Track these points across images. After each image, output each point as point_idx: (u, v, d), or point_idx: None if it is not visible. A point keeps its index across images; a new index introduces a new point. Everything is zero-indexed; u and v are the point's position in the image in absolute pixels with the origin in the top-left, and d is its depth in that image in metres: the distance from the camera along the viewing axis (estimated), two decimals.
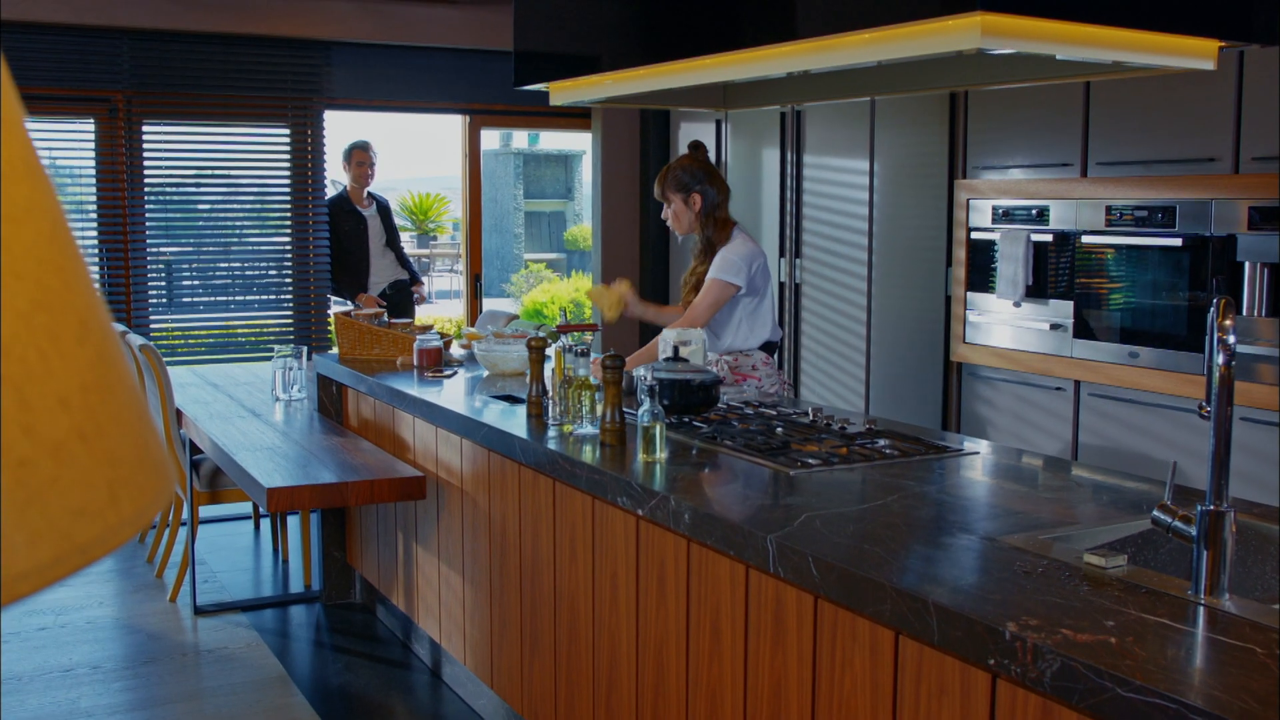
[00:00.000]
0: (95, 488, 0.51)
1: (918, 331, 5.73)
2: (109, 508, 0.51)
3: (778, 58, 2.65)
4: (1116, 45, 2.29)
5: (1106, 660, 1.62)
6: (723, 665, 2.49)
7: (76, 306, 0.54)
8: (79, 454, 0.51)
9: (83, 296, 0.56)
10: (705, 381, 3.34)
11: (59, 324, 0.52)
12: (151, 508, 0.55)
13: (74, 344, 0.53)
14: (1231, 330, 1.89)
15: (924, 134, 5.61)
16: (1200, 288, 4.41)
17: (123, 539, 0.52)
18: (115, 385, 0.56)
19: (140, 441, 0.56)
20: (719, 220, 4.09)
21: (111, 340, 0.57)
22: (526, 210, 16.45)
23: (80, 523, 0.49)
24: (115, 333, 0.59)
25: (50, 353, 0.51)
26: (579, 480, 2.94)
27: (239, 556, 5.52)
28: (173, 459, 4.80)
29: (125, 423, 0.55)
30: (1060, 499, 2.57)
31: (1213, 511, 1.87)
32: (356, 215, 7.04)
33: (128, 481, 0.53)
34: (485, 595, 3.63)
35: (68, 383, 0.51)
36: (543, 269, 15.34)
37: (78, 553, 0.48)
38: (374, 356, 4.67)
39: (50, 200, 0.55)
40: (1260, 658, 1.63)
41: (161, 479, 0.57)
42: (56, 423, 0.50)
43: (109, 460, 0.52)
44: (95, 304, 0.57)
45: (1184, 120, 4.45)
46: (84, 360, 0.53)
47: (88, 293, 0.56)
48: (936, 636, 1.87)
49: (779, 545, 2.21)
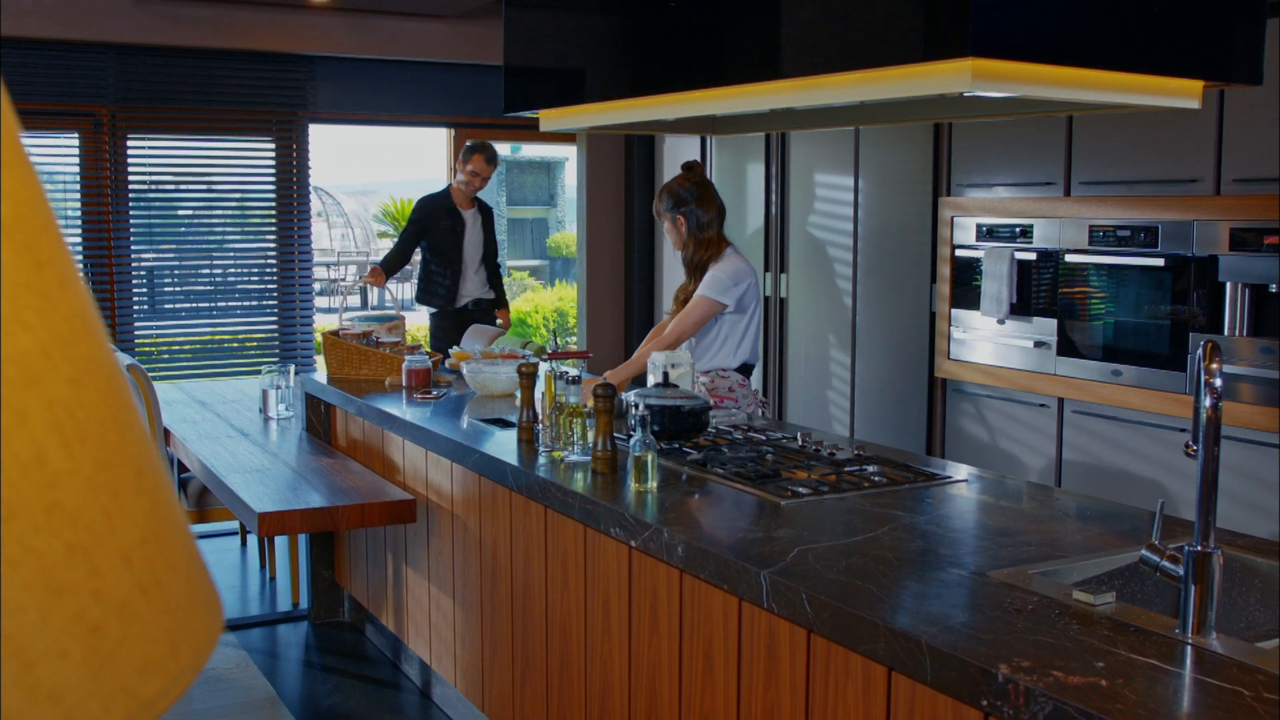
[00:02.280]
0: (158, 641, 0.53)
1: (902, 348, 5.77)
2: (170, 658, 0.53)
3: (763, 94, 2.68)
4: (1103, 87, 2.32)
5: (1097, 704, 1.65)
6: (716, 697, 2.52)
7: (132, 457, 0.56)
8: (142, 610, 0.53)
9: (136, 444, 0.58)
10: (695, 408, 3.37)
11: (119, 480, 0.54)
12: (207, 649, 0.57)
13: (132, 496, 0.55)
14: (1218, 374, 1.92)
15: (909, 152, 5.65)
16: (1182, 307, 4.46)
17: (184, 687, 0.54)
18: (169, 528, 0.58)
19: (193, 581, 0.58)
20: (705, 241, 4.13)
21: (163, 480, 0.59)
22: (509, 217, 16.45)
23: (146, 679, 0.51)
24: (162, 464, 0.61)
25: (113, 511, 0.53)
26: (571, 509, 2.96)
27: (226, 574, 5.51)
28: None
29: (178, 565, 0.57)
30: (1048, 530, 2.61)
31: (1200, 552, 1.91)
32: (454, 215, 6.48)
33: (184, 627, 0.55)
34: (476, 618, 3.64)
35: (129, 538, 0.53)
36: (525, 277, 15.35)
37: (144, 709, 0.50)
38: (362, 376, 4.68)
39: (105, 351, 0.57)
40: (1248, 700, 1.66)
41: (213, 615, 0.59)
42: (121, 582, 0.52)
43: (168, 609, 0.54)
44: (147, 447, 0.59)
45: (1166, 142, 4.50)
46: (141, 511, 0.55)
47: (141, 438, 0.58)
48: (930, 676, 1.90)
49: (772, 581, 2.24)
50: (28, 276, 0.52)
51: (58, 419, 0.51)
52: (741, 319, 4.12)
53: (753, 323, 4.16)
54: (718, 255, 4.14)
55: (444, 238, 6.44)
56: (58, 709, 0.47)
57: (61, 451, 0.51)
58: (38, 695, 0.46)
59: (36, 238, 0.54)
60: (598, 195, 7.31)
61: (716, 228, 4.16)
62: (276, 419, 5.01)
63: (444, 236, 6.44)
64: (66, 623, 0.48)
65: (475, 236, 6.50)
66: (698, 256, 4.14)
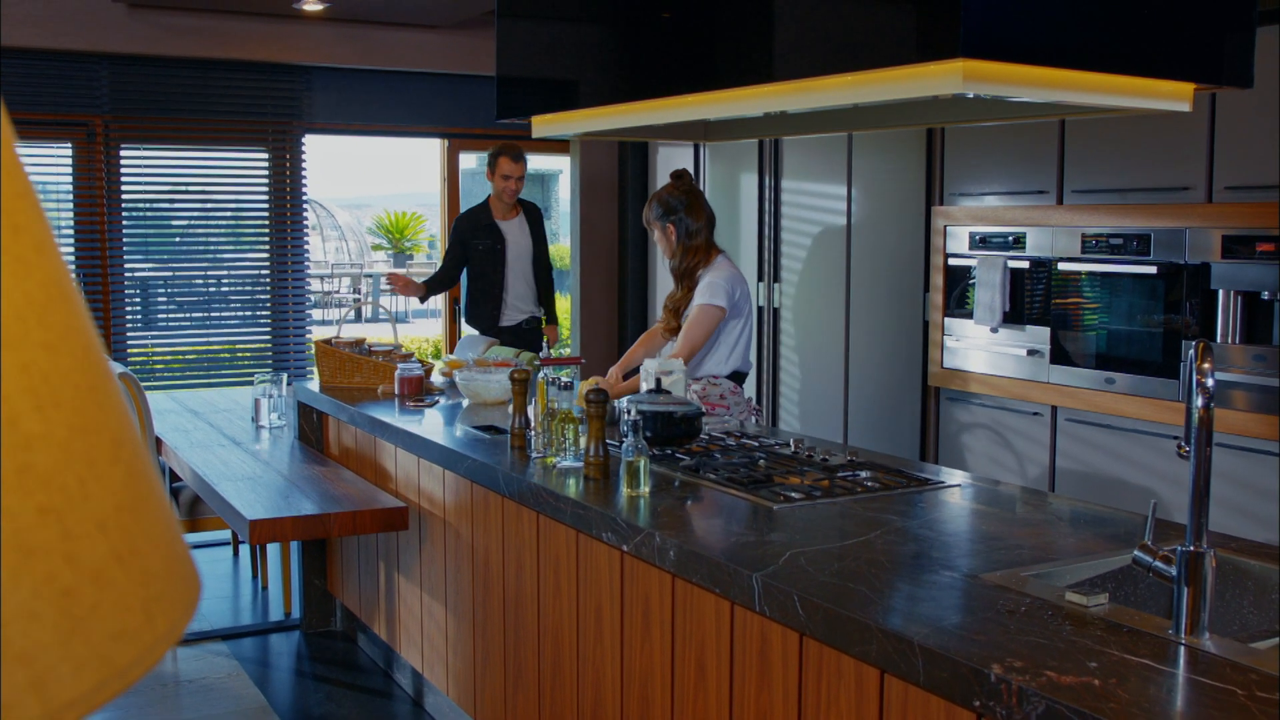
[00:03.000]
0: (132, 610, 0.52)
1: (896, 357, 5.77)
2: (145, 627, 0.53)
3: (756, 98, 2.68)
4: (1094, 89, 2.33)
5: (1090, 703, 1.64)
6: (708, 701, 2.51)
7: (109, 425, 0.56)
8: (117, 577, 0.52)
9: (114, 413, 0.57)
10: (688, 414, 3.36)
11: (95, 447, 0.54)
12: (183, 621, 0.56)
13: (109, 464, 0.54)
14: (1210, 374, 1.92)
15: (902, 161, 5.66)
16: (1175, 314, 4.46)
17: (159, 657, 0.53)
18: (145, 499, 0.57)
19: (169, 552, 0.58)
20: (694, 248, 4.13)
21: (141, 452, 0.59)
22: None
23: (120, 646, 0.51)
24: (140, 439, 0.60)
25: (88, 477, 0.52)
26: (563, 514, 2.95)
27: (218, 584, 5.50)
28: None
29: (155, 536, 0.57)
30: (1040, 533, 2.60)
31: (1192, 553, 1.90)
32: (493, 231, 6.03)
33: (161, 597, 0.55)
34: (468, 626, 3.63)
35: (104, 505, 0.53)
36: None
37: (118, 676, 0.50)
38: (354, 384, 4.67)
39: (83, 320, 0.57)
40: (1240, 699, 1.66)
41: (190, 588, 0.58)
42: (95, 548, 0.51)
43: (143, 579, 0.54)
44: (124, 416, 0.58)
45: (1158, 150, 4.50)
46: (118, 480, 0.55)
47: (119, 407, 0.58)
48: (922, 678, 1.89)
49: (764, 584, 2.23)
50: (3, 241, 0.52)
51: (32, 383, 0.51)
52: (734, 326, 4.12)
53: (745, 330, 4.16)
54: (708, 263, 4.14)
55: (484, 257, 6.03)
56: (28, 671, 0.46)
57: (35, 415, 0.50)
58: (7, 656, 0.46)
59: (11, 203, 0.54)
60: (591, 204, 7.31)
61: (705, 235, 4.16)
62: (269, 428, 5.00)
63: (484, 256, 6.03)
64: (37, 584, 0.48)
65: (520, 249, 6.06)
66: (686, 264, 4.14)
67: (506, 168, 5.93)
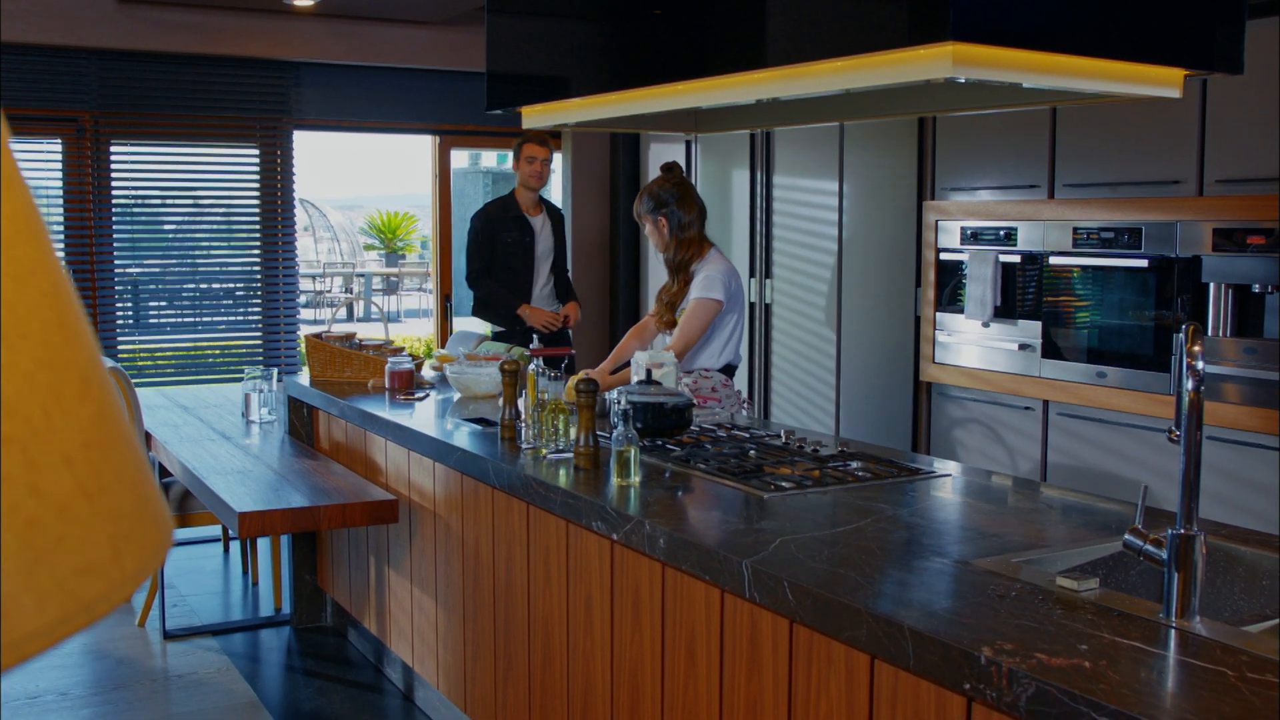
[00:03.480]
0: (99, 545, 0.51)
1: (887, 352, 5.77)
2: (112, 564, 0.51)
3: (747, 85, 2.67)
4: (1084, 74, 2.32)
5: (1081, 684, 1.63)
6: (698, 689, 2.50)
7: (78, 363, 0.55)
8: (83, 512, 0.51)
9: (84, 352, 0.56)
10: (679, 405, 3.35)
11: (62, 381, 0.53)
12: (153, 561, 0.55)
13: (76, 401, 0.53)
14: (1201, 356, 1.92)
15: (893, 155, 5.65)
16: (1166, 308, 4.46)
17: (126, 595, 0.52)
18: (116, 440, 0.56)
19: (140, 494, 0.57)
20: (687, 241, 4.12)
21: (110, 394, 0.58)
22: None
23: (85, 580, 0.49)
24: (113, 385, 0.59)
25: (54, 410, 0.51)
26: (553, 504, 2.94)
27: (208, 580, 5.48)
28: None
29: (126, 477, 0.56)
30: (1031, 521, 2.60)
31: (1183, 535, 1.90)
32: (522, 224, 5.79)
33: (129, 536, 0.54)
34: (459, 619, 3.62)
35: (71, 440, 0.52)
36: None
37: (83, 611, 0.49)
38: (345, 378, 4.66)
39: (50, 257, 0.56)
40: (1231, 680, 1.65)
41: (161, 531, 0.57)
42: (61, 481, 0.50)
43: (112, 516, 0.53)
44: (95, 358, 0.57)
45: (1149, 143, 4.50)
46: (86, 417, 0.54)
47: (88, 347, 0.57)
48: (912, 661, 1.88)
49: (754, 570, 2.22)
50: None
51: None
52: (728, 319, 4.11)
53: (738, 324, 4.15)
54: (701, 256, 4.14)
55: (512, 251, 5.78)
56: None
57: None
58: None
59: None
60: (583, 199, 7.31)
61: (698, 228, 4.16)
62: (259, 422, 4.98)
63: (512, 249, 5.78)
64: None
65: (546, 245, 5.88)
66: (680, 257, 4.14)
67: (532, 150, 5.71)
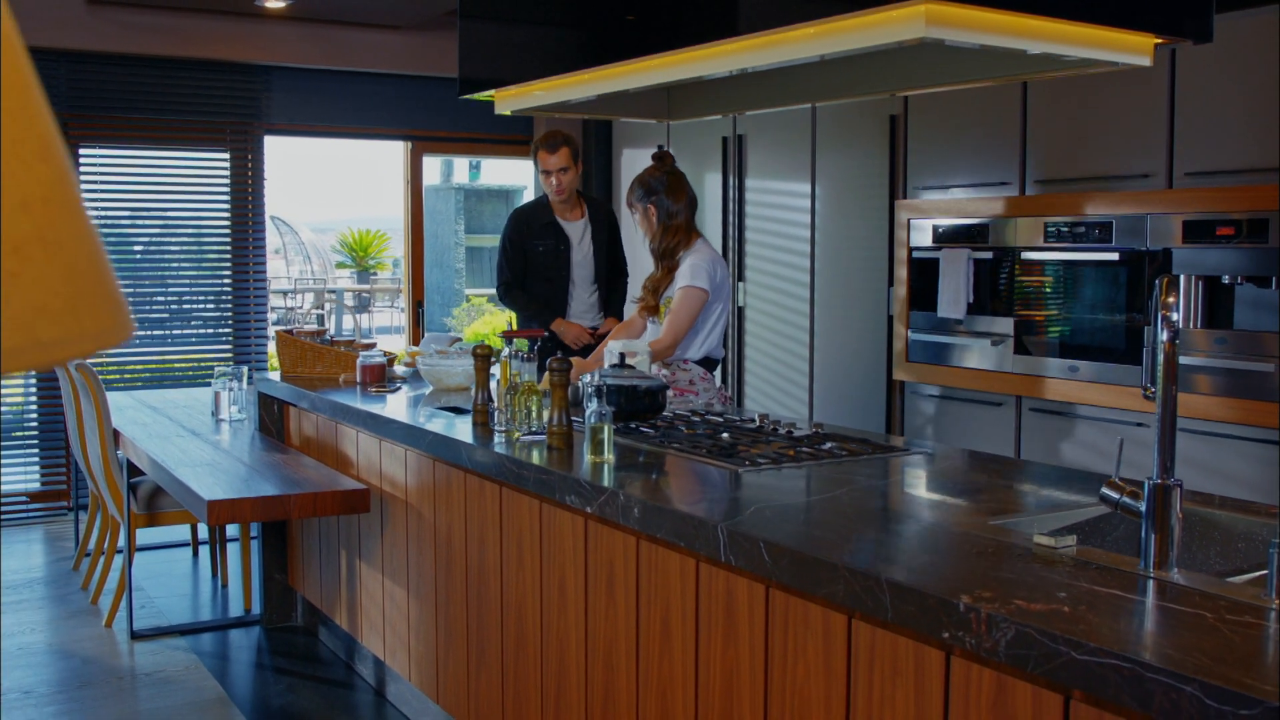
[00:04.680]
0: (56, 293, 0.49)
1: (860, 352, 5.77)
2: (69, 314, 0.50)
3: (721, 56, 2.67)
4: (1056, 38, 2.33)
5: (1060, 626, 1.62)
6: (673, 663, 2.47)
7: (39, 130, 0.53)
8: (38, 257, 0.49)
9: (46, 125, 0.54)
10: (652, 387, 3.34)
11: (22, 135, 0.51)
12: (111, 332, 0.53)
13: (36, 158, 0.51)
14: (1175, 308, 1.91)
15: (865, 156, 5.67)
16: (1137, 301, 4.48)
17: (83, 351, 0.50)
18: (74, 213, 0.54)
19: (98, 272, 0.55)
20: (674, 229, 4.12)
21: (71, 177, 0.56)
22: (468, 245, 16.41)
23: (41, 321, 0.48)
24: (72, 169, 0.57)
25: (11, 156, 0.49)
26: (526, 481, 2.91)
27: (177, 583, 5.41)
28: (109, 481, 4.71)
29: (84, 248, 0.54)
30: (1008, 490, 2.59)
31: (1160, 485, 1.89)
32: (555, 231, 5.27)
33: (88, 296, 0.52)
34: (430, 609, 3.58)
35: (29, 190, 0.50)
36: (484, 302, 15.31)
37: (39, 348, 0.47)
38: (316, 374, 4.62)
39: (13, 35, 0.54)
40: (1210, 621, 1.64)
41: (120, 312, 0.55)
42: (17, 224, 0.48)
43: (69, 273, 0.51)
44: (57, 137, 0.55)
45: (1118, 138, 4.53)
46: (45, 176, 0.52)
47: (51, 125, 0.55)
48: (890, 614, 1.86)
49: (729, 533, 2.20)
50: None
51: None
52: (713, 309, 4.10)
53: (722, 315, 4.14)
54: (688, 245, 4.13)
55: (546, 261, 5.27)
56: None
57: None
58: None
59: None
60: None
61: (685, 216, 4.15)
62: (229, 420, 4.93)
63: (546, 260, 5.27)
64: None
65: (585, 253, 5.33)
66: (665, 244, 4.13)
67: (545, 161, 5.11)
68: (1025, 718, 1.70)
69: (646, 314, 4.24)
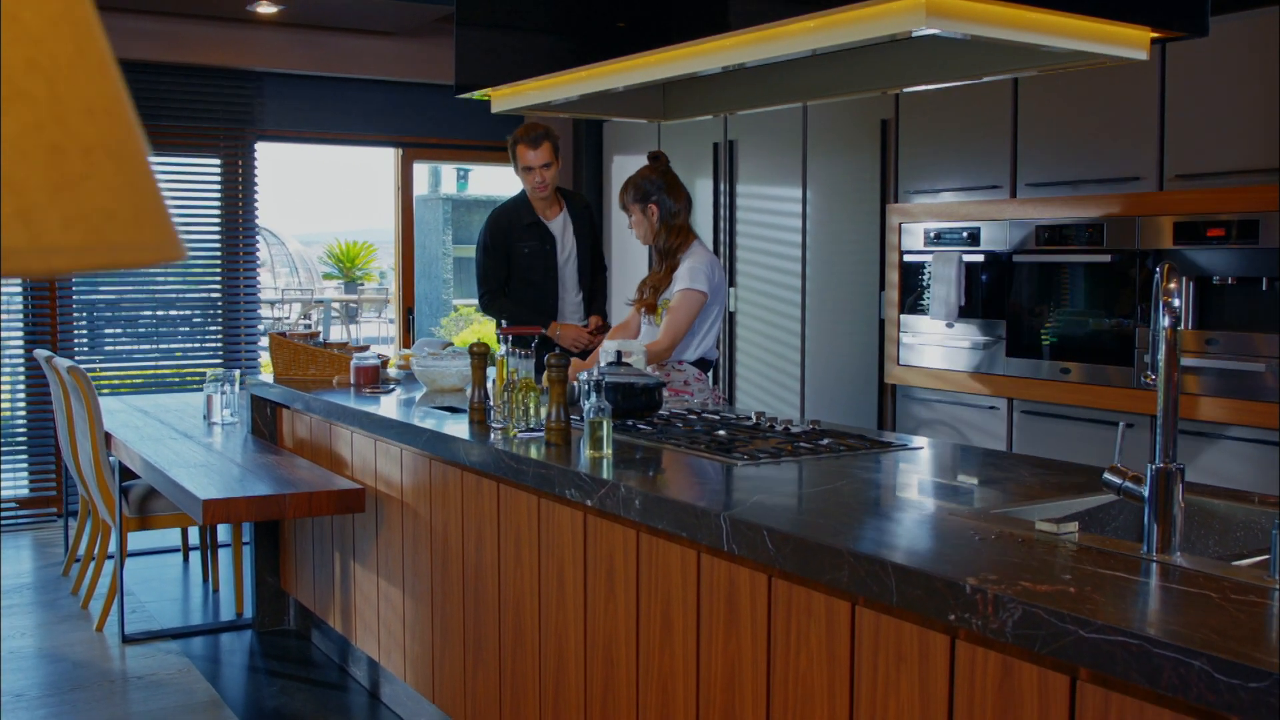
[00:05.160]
0: (121, 201, 0.50)
1: (852, 355, 5.78)
2: (133, 224, 0.50)
3: (714, 52, 2.68)
4: (1053, 31, 2.35)
5: (1067, 605, 1.63)
6: (674, 655, 2.47)
7: (100, 45, 0.53)
8: (106, 166, 0.50)
9: (105, 43, 0.54)
10: (649, 385, 3.34)
11: (86, 47, 0.51)
12: (170, 247, 0.54)
13: (98, 72, 0.52)
14: (1176, 294, 1.93)
15: (856, 160, 5.69)
16: (1128, 302, 4.50)
17: (147, 260, 0.51)
18: (132, 129, 0.55)
19: (154, 191, 0.55)
20: (675, 229, 4.13)
21: (127, 96, 0.56)
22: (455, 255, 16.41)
23: (110, 225, 0.48)
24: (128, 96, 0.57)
25: (78, 64, 0.50)
26: (525, 476, 2.91)
27: (167, 588, 5.39)
28: (101, 484, 4.69)
29: (142, 165, 0.54)
30: (1006, 482, 2.60)
31: (1163, 470, 1.90)
32: (540, 231, 5.05)
33: (149, 211, 0.52)
34: (426, 608, 3.57)
35: (93, 98, 0.50)
36: (471, 311, 15.30)
37: (108, 249, 0.47)
38: (309, 376, 4.61)
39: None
40: (1216, 600, 1.65)
41: (174, 232, 0.56)
42: (83, 128, 0.49)
43: (131, 184, 0.51)
44: (114, 64, 0.55)
45: (1109, 141, 4.56)
46: (108, 90, 0.52)
47: (108, 47, 0.55)
48: (895, 597, 1.87)
49: (732, 521, 2.21)
50: None
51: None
52: (708, 310, 4.10)
53: (718, 316, 4.15)
54: (686, 246, 4.14)
55: (532, 262, 5.05)
56: (16, 200, 0.43)
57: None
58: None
59: None
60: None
61: (685, 217, 4.17)
62: (221, 424, 4.92)
63: (532, 261, 5.05)
64: (25, 127, 0.45)
65: (570, 250, 5.13)
66: (671, 243, 4.13)
67: (525, 157, 4.86)
68: (1031, 700, 1.71)
69: (645, 312, 4.24)
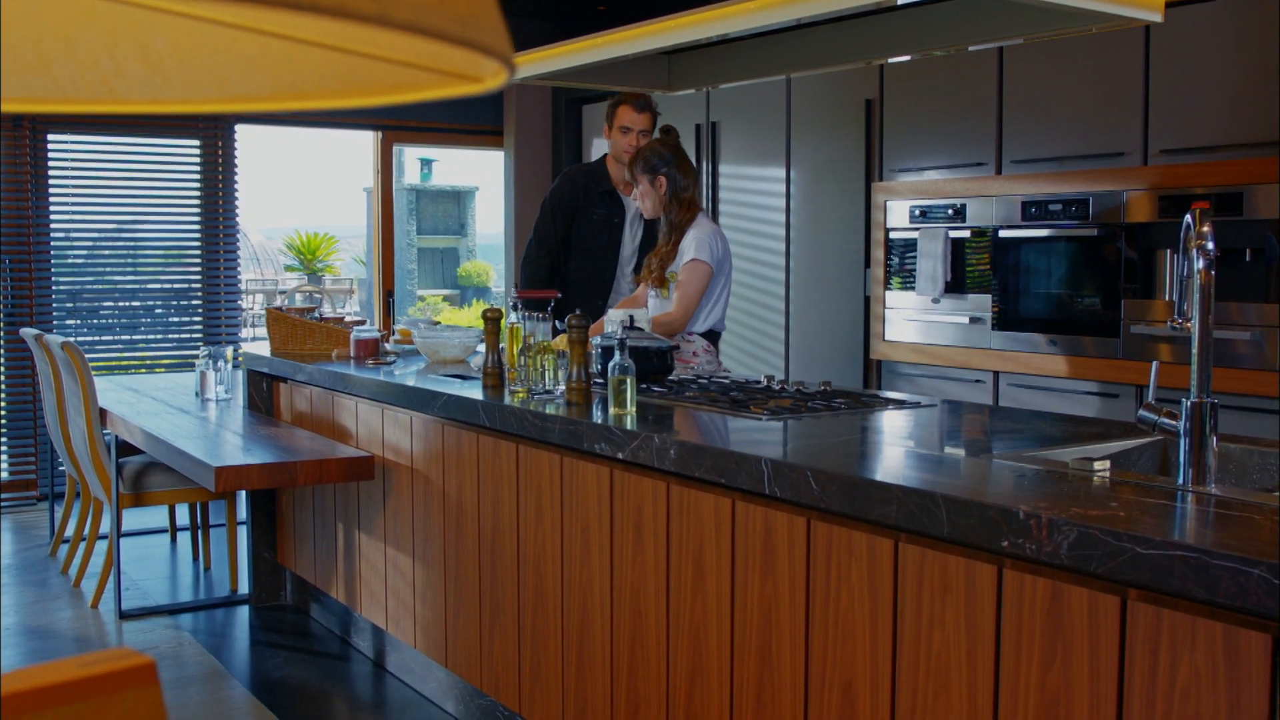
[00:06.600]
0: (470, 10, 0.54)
1: (837, 332, 5.86)
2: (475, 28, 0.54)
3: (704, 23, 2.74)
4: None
5: (1122, 526, 1.69)
6: (706, 602, 2.52)
7: None
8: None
9: None
10: (662, 348, 3.39)
11: None
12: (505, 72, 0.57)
13: None
14: (1210, 237, 2.00)
15: (840, 139, 5.76)
16: (1114, 275, 4.60)
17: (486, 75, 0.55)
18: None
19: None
20: (684, 202, 4.17)
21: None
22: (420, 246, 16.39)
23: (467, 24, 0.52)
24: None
25: None
26: (551, 433, 2.95)
27: (158, 566, 5.37)
28: (95, 460, 4.68)
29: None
30: (1027, 432, 2.67)
31: (1199, 404, 1.97)
32: (612, 201, 4.72)
33: (497, 31, 0.56)
34: (439, 573, 3.60)
35: None
36: (439, 301, 15.30)
37: (457, 23, 0.51)
38: (307, 351, 4.62)
39: None
40: (1259, 520, 1.73)
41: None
42: None
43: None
44: None
45: (1093, 117, 4.65)
46: None
47: None
48: (946, 529, 1.93)
49: (774, 465, 2.26)
50: None
51: None
52: (715, 282, 4.15)
53: (724, 288, 4.19)
54: (692, 219, 4.18)
55: (597, 230, 4.71)
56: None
57: None
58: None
59: None
60: (525, 203, 7.32)
61: (694, 190, 4.22)
62: (215, 400, 4.92)
63: (597, 229, 4.71)
64: None
65: (635, 231, 4.82)
66: (681, 216, 4.17)
67: (627, 117, 4.58)
68: (1081, 622, 1.78)
69: (654, 285, 4.27)
